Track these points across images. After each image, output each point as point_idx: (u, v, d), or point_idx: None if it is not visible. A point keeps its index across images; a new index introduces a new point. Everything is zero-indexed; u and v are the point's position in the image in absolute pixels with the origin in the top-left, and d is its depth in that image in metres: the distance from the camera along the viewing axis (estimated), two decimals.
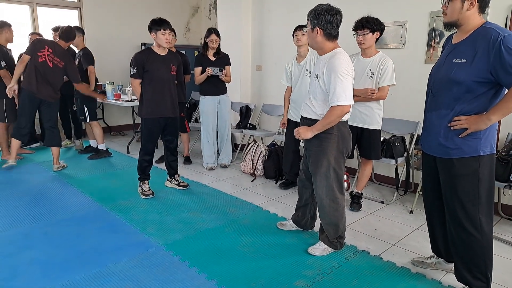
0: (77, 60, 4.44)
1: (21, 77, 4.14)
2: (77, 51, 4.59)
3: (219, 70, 3.99)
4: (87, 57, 4.40)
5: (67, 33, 4.10)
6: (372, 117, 3.00)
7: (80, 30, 4.48)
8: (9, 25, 4.33)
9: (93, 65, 4.44)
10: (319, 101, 2.27)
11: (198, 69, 4.08)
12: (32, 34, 4.91)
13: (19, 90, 4.07)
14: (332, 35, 2.23)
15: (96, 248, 2.47)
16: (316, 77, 2.28)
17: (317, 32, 2.21)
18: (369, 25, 2.83)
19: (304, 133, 2.29)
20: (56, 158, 4.18)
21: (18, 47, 4.83)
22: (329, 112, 2.20)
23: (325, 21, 2.18)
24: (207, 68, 3.97)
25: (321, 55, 2.30)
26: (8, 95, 4.02)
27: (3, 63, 4.18)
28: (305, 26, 3.41)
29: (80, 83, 4.23)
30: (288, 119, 3.61)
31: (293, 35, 3.51)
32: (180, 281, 2.11)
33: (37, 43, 4.00)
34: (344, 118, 2.30)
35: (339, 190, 2.35)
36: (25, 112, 4.03)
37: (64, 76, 4.54)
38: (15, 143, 4.13)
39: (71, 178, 3.91)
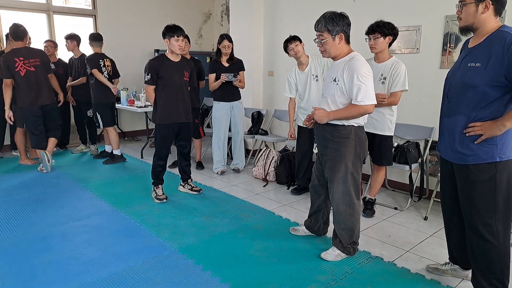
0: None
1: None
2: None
3: (233, 76, 4.03)
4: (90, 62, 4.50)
5: (14, 32, 4.05)
6: (383, 123, 2.98)
7: (97, 36, 4.58)
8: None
9: (96, 69, 4.50)
10: (338, 104, 2.27)
11: (212, 76, 4.12)
12: (46, 41, 5.04)
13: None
14: (348, 38, 2.27)
15: (112, 251, 2.51)
16: (335, 80, 2.27)
17: (340, 38, 2.21)
18: (379, 29, 2.83)
19: (320, 117, 2.29)
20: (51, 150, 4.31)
21: None
22: (351, 107, 2.20)
23: (346, 24, 2.20)
24: (222, 74, 4.00)
25: (337, 60, 2.31)
26: (9, 123, 4.21)
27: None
28: (293, 38, 3.44)
29: (51, 74, 4.33)
30: (299, 126, 3.62)
31: (286, 51, 3.51)
32: (194, 284, 2.13)
33: (7, 62, 3.97)
34: (361, 123, 2.31)
35: (356, 195, 2.35)
36: (34, 125, 4.17)
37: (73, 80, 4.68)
38: (40, 152, 4.28)
39: (87, 182, 3.98)
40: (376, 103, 2.22)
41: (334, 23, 2.18)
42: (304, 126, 2.54)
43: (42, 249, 2.53)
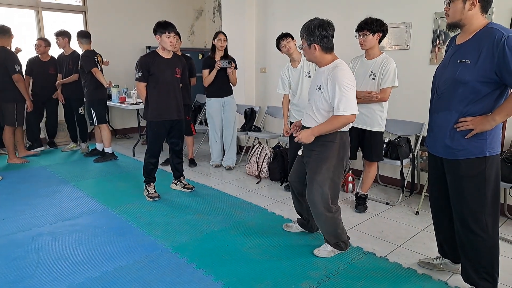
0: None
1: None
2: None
3: (228, 62, 4.07)
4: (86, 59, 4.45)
5: None
6: (373, 119, 2.99)
7: (87, 34, 4.53)
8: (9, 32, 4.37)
9: (96, 68, 4.43)
10: (323, 111, 2.27)
11: (206, 71, 4.15)
12: (38, 40, 4.96)
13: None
14: (328, 48, 2.25)
15: (103, 250, 2.49)
16: (319, 88, 2.27)
17: (315, 48, 2.22)
18: (368, 26, 2.84)
19: (307, 138, 2.26)
20: None
21: (23, 51, 4.87)
22: (334, 119, 2.20)
23: (321, 36, 2.19)
24: (217, 62, 4.04)
25: (321, 67, 2.32)
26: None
27: (17, 67, 4.22)
28: (285, 35, 3.45)
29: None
30: (292, 123, 3.61)
31: (278, 48, 3.50)
32: (187, 283, 2.12)
33: None
34: (346, 129, 2.31)
35: (333, 200, 2.33)
36: None
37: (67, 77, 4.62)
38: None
39: (77, 181, 3.94)
40: (357, 112, 2.21)
41: (309, 33, 2.20)
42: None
43: (31, 250, 2.49)
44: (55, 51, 5.09)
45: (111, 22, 6.02)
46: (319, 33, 2.19)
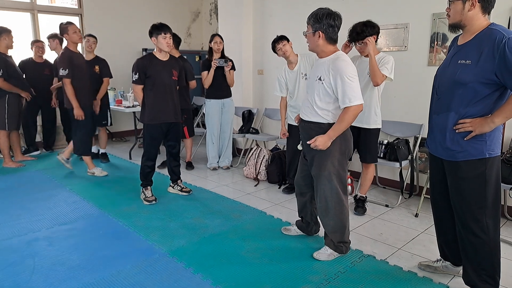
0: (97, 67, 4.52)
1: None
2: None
3: (224, 61, 4.07)
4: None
5: None
6: (368, 115, 2.94)
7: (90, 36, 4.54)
8: (8, 31, 4.28)
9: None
10: (323, 102, 2.26)
11: (205, 73, 4.16)
12: (39, 42, 4.93)
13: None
14: (333, 39, 2.25)
15: (100, 255, 2.45)
16: (320, 79, 2.26)
17: (319, 36, 2.21)
18: (363, 35, 2.82)
19: (324, 144, 2.22)
20: None
21: (19, 53, 4.83)
22: (344, 114, 2.19)
23: (327, 24, 2.19)
24: (213, 60, 4.05)
25: (321, 57, 2.31)
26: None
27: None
28: (280, 38, 3.45)
29: None
30: (290, 125, 3.61)
31: (274, 51, 3.50)
32: None
33: None
34: None
35: (343, 191, 2.35)
36: None
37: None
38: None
39: (73, 184, 3.90)
40: (363, 101, 2.21)
41: (316, 20, 2.20)
42: (296, 124, 2.54)
43: (27, 255, 2.45)
44: (52, 55, 5.06)
45: (107, 24, 5.99)
46: (326, 22, 2.18)
